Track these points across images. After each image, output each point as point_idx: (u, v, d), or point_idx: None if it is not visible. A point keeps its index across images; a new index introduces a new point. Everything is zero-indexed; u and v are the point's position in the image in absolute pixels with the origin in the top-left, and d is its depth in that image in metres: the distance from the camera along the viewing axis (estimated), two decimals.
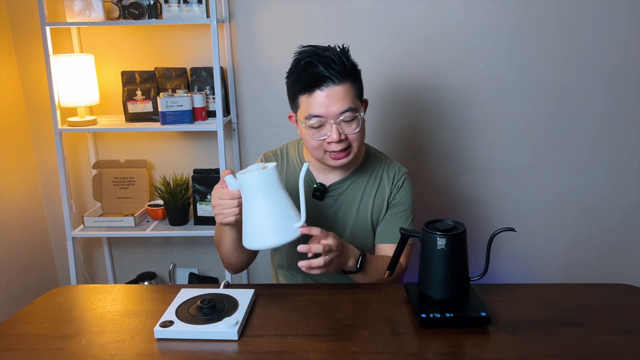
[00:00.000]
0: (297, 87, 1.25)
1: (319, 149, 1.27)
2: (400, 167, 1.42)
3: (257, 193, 1.10)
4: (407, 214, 1.38)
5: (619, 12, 2.03)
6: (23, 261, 2.26)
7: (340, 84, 1.22)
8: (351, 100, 1.24)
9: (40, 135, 2.29)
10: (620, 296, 1.21)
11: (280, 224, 1.11)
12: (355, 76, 1.27)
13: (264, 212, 1.11)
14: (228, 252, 1.30)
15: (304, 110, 1.26)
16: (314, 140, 1.26)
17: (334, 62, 1.21)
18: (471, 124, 2.19)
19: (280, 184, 1.13)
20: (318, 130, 1.25)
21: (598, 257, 2.30)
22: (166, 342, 1.03)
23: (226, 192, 1.15)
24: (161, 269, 2.42)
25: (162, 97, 2.02)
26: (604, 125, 2.16)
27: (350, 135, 1.25)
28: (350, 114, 1.24)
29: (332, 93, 1.22)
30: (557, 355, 0.98)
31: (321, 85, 1.22)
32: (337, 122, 1.23)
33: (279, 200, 1.11)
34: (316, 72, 1.21)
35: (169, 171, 2.26)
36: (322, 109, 1.22)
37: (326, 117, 1.23)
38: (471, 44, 2.10)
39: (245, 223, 1.14)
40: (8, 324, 1.13)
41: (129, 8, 1.97)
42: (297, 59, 1.27)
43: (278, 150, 1.46)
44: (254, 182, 1.10)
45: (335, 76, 1.21)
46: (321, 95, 1.22)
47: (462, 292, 1.12)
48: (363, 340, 1.03)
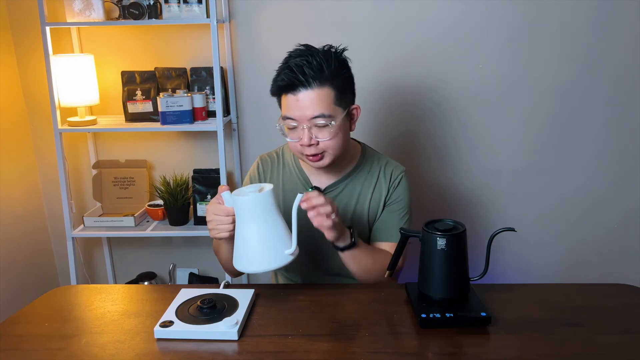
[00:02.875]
0: (275, 87, 1.26)
1: (295, 149, 1.28)
2: (398, 165, 1.41)
3: (250, 216, 1.10)
4: (404, 212, 1.37)
5: (620, 12, 2.03)
6: (23, 261, 2.26)
7: (314, 89, 1.20)
8: (326, 107, 1.21)
9: (40, 135, 2.29)
10: (620, 296, 1.21)
11: (271, 250, 1.11)
12: (334, 81, 1.23)
13: (255, 237, 1.10)
14: (226, 260, 1.31)
15: (282, 110, 1.27)
16: (289, 140, 1.27)
17: (311, 67, 1.20)
18: (471, 125, 2.19)
19: (275, 207, 1.12)
20: (293, 132, 1.26)
21: (598, 257, 2.30)
22: (166, 342, 1.03)
23: (221, 209, 1.14)
24: (161, 269, 2.42)
25: (162, 97, 2.02)
26: (604, 125, 2.16)
27: (323, 142, 1.24)
28: (321, 120, 1.21)
29: (304, 97, 1.21)
30: (557, 355, 0.98)
31: (293, 89, 1.21)
32: (309, 126, 1.22)
33: (271, 225, 1.11)
34: (289, 76, 1.21)
35: (169, 171, 2.26)
36: (295, 112, 1.22)
37: (298, 120, 1.23)
38: (471, 44, 2.10)
39: (236, 244, 1.14)
40: (8, 324, 1.13)
41: (129, 8, 1.97)
42: (285, 58, 1.27)
43: (274, 152, 1.45)
44: (248, 205, 1.09)
45: (307, 81, 1.20)
46: (293, 99, 1.22)
47: (462, 292, 1.12)
48: (363, 340, 1.03)
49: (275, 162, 1.43)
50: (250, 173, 1.44)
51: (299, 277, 1.43)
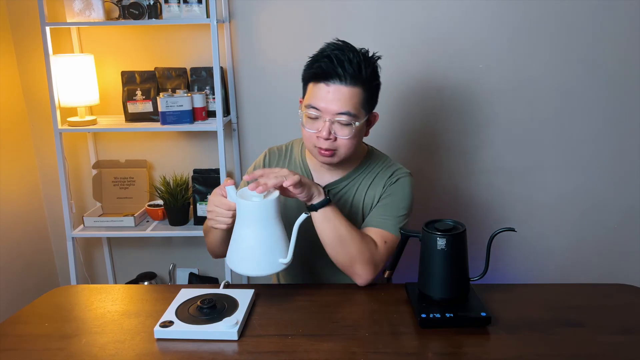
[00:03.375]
0: (308, 73, 1.26)
1: (310, 140, 1.27)
2: (401, 168, 1.38)
3: (251, 221, 1.10)
4: (399, 205, 1.32)
5: (620, 12, 2.03)
6: (23, 261, 2.26)
7: (348, 86, 1.21)
8: (353, 106, 1.22)
9: (40, 135, 2.29)
10: (620, 296, 1.21)
11: (266, 257, 1.11)
12: (368, 85, 1.24)
13: (253, 241, 1.10)
14: (214, 244, 1.32)
15: (307, 98, 1.26)
16: (306, 129, 1.26)
17: (351, 64, 1.20)
18: (471, 124, 2.19)
19: (277, 215, 1.11)
20: (312, 122, 1.25)
21: (598, 257, 2.29)
22: (166, 342, 1.03)
23: (224, 202, 1.15)
24: (161, 269, 2.42)
25: (162, 97, 2.02)
26: (604, 125, 2.16)
27: (340, 139, 1.24)
28: (346, 118, 1.22)
29: (336, 91, 1.21)
30: (557, 355, 0.98)
31: (328, 79, 1.21)
32: (332, 120, 1.22)
33: (270, 233, 1.10)
34: (329, 65, 1.20)
35: (169, 171, 2.26)
36: (322, 103, 1.22)
37: (323, 112, 1.22)
38: (471, 44, 2.10)
39: (233, 242, 1.14)
40: (8, 324, 1.13)
41: (129, 8, 1.97)
42: (322, 49, 1.26)
43: (283, 146, 1.45)
44: (251, 210, 1.09)
45: (345, 76, 1.20)
46: (324, 89, 1.21)
47: (462, 292, 1.12)
48: (363, 340, 1.03)
49: (282, 155, 1.43)
50: (256, 163, 1.44)
51: (298, 277, 1.43)
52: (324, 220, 1.21)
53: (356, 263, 1.22)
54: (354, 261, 1.22)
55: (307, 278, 1.42)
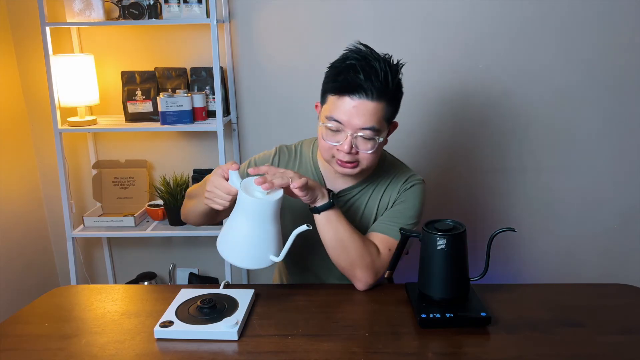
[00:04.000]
0: (331, 85, 1.20)
1: (328, 151, 1.23)
2: (416, 175, 1.36)
3: (250, 215, 1.09)
4: (409, 214, 1.31)
5: (621, 12, 2.03)
6: (23, 261, 2.26)
7: (373, 101, 1.16)
8: (377, 121, 1.18)
9: (40, 135, 2.29)
10: (620, 296, 1.21)
11: (258, 252, 1.11)
12: (393, 98, 1.21)
13: (248, 235, 1.10)
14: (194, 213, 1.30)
15: (327, 109, 1.21)
16: (325, 142, 1.22)
17: (377, 77, 1.15)
18: (471, 124, 2.19)
19: (277, 214, 1.11)
20: (333, 135, 1.20)
21: (598, 257, 2.30)
22: (166, 342, 1.03)
23: (224, 185, 1.12)
24: (161, 269, 2.42)
25: (162, 97, 2.02)
26: (604, 125, 2.16)
27: (362, 153, 1.21)
28: (369, 133, 1.18)
29: (361, 106, 1.16)
30: (557, 355, 0.98)
31: (354, 93, 1.16)
32: (354, 135, 1.18)
33: (267, 230, 1.10)
34: (355, 78, 1.15)
35: (169, 171, 2.26)
36: (345, 117, 1.17)
37: (345, 126, 1.18)
38: (471, 44, 2.10)
39: (228, 229, 1.13)
40: (8, 324, 1.13)
41: (129, 8, 1.97)
42: (344, 56, 1.21)
43: (293, 146, 1.41)
44: (252, 205, 1.08)
45: (372, 91, 1.15)
46: (349, 104, 1.17)
47: (462, 292, 1.12)
48: (363, 340, 1.03)
49: (293, 156, 1.38)
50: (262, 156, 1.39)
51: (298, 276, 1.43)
52: (327, 223, 1.20)
53: (356, 267, 1.22)
54: (354, 265, 1.22)
55: (308, 279, 1.41)
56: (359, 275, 1.22)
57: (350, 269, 1.22)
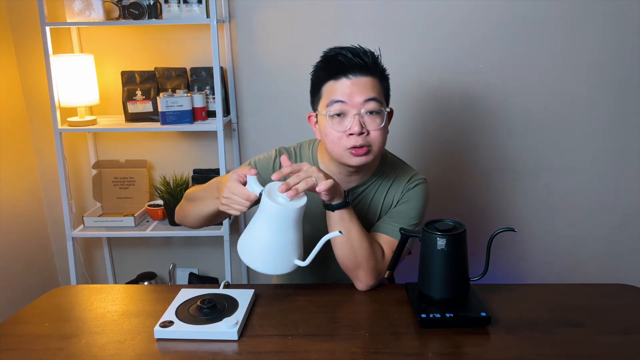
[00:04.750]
0: (323, 74, 1.22)
1: (339, 144, 1.21)
2: (418, 174, 1.36)
3: (274, 222, 1.08)
4: (413, 215, 1.31)
5: (622, 12, 2.03)
6: (23, 261, 2.26)
7: (368, 76, 1.19)
8: (377, 93, 1.20)
9: (40, 135, 2.29)
10: (620, 296, 1.21)
11: (283, 258, 1.11)
12: (383, 76, 1.24)
13: (272, 241, 1.09)
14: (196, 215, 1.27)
15: (326, 98, 1.21)
16: (334, 131, 1.20)
17: (365, 55, 1.19)
18: (471, 124, 2.19)
19: (301, 220, 1.10)
20: (339, 121, 1.20)
21: (598, 257, 2.30)
22: (166, 342, 1.03)
23: (243, 192, 1.10)
24: (161, 269, 2.42)
25: (162, 97, 2.02)
26: (604, 125, 2.16)
27: (373, 131, 1.20)
28: (374, 105, 1.19)
29: (359, 82, 1.18)
30: (557, 355, 0.98)
31: (348, 72, 1.18)
32: (361, 113, 1.19)
33: (292, 235, 1.10)
34: (345, 59, 1.18)
35: (169, 171, 2.26)
36: (346, 96, 1.18)
37: (349, 104, 1.18)
38: (472, 44, 2.10)
39: (249, 236, 1.12)
40: (8, 324, 1.13)
41: (129, 8, 1.97)
42: (325, 54, 1.24)
43: (292, 148, 1.40)
44: (277, 212, 1.07)
45: (364, 67, 1.18)
46: (346, 83, 1.19)
47: (462, 292, 1.12)
48: (363, 340, 1.03)
49: (292, 158, 1.37)
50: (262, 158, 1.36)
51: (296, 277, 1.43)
52: (339, 221, 1.20)
53: (361, 268, 1.22)
54: (359, 266, 1.22)
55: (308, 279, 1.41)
56: (361, 276, 1.22)
57: (355, 269, 1.22)
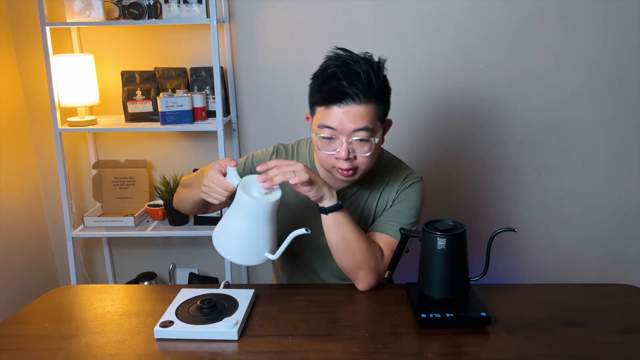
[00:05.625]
0: (316, 97, 1.20)
1: (327, 162, 1.22)
2: (414, 172, 1.37)
3: (247, 214, 1.10)
4: (410, 214, 1.31)
5: (622, 12, 2.03)
6: (23, 261, 2.26)
7: (361, 104, 1.15)
8: (370, 121, 1.17)
9: (40, 135, 2.29)
10: (620, 296, 1.21)
11: (254, 249, 1.12)
12: (381, 97, 1.19)
13: (244, 232, 1.11)
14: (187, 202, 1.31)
15: (318, 118, 1.20)
16: (323, 152, 1.21)
17: (360, 80, 1.14)
18: (471, 124, 2.19)
19: (274, 214, 1.12)
20: (328, 143, 1.19)
21: (598, 257, 2.30)
22: (166, 342, 1.03)
23: (222, 181, 1.12)
24: (161, 269, 2.42)
25: (162, 97, 2.02)
26: (604, 125, 2.16)
27: (360, 157, 1.19)
28: (364, 134, 1.17)
29: (351, 111, 1.15)
30: (557, 355, 0.98)
31: (340, 101, 1.15)
32: (349, 140, 1.17)
33: (264, 228, 1.11)
34: (338, 87, 1.14)
35: (169, 171, 2.26)
36: (336, 123, 1.16)
37: (338, 131, 1.17)
38: (471, 43, 2.10)
39: (224, 225, 1.14)
40: (8, 324, 1.13)
41: (129, 8, 1.97)
42: (324, 65, 1.20)
43: (290, 145, 1.40)
44: (249, 205, 1.09)
45: (357, 95, 1.14)
46: (338, 112, 1.16)
47: (462, 292, 1.12)
48: (363, 340, 1.03)
49: (290, 156, 1.38)
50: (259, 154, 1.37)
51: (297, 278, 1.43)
52: (334, 224, 1.20)
53: (360, 269, 1.22)
54: (358, 267, 1.22)
55: (307, 279, 1.41)
56: (362, 277, 1.22)
57: (354, 270, 1.22)
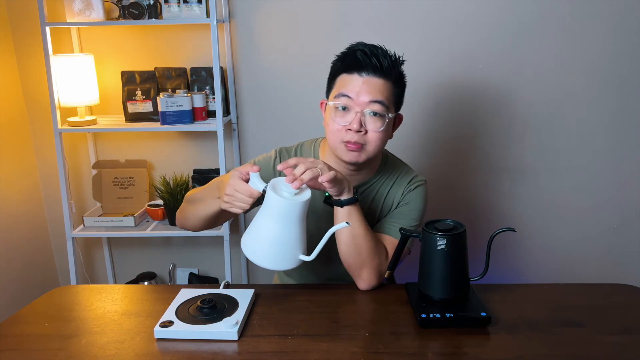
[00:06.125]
0: (340, 65, 1.24)
1: (337, 135, 1.23)
2: (418, 176, 1.37)
3: (280, 216, 1.08)
4: (414, 216, 1.32)
5: (622, 12, 2.03)
6: (23, 261, 2.26)
7: (381, 78, 1.21)
8: (386, 97, 1.21)
9: (40, 135, 2.29)
10: (620, 296, 1.21)
11: (288, 252, 1.10)
12: (399, 81, 1.25)
13: (278, 236, 1.09)
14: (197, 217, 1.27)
15: (336, 89, 1.24)
16: (335, 122, 1.22)
17: (385, 57, 1.21)
18: (471, 124, 2.19)
19: (305, 214, 1.10)
20: (342, 115, 1.22)
21: (598, 257, 2.30)
22: (166, 342, 1.03)
23: (245, 188, 1.10)
24: (161, 269, 2.42)
25: (162, 97, 2.02)
26: (604, 125, 2.16)
27: (371, 132, 1.21)
28: (379, 107, 1.20)
29: (370, 82, 1.20)
30: (557, 355, 0.98)
31: (362, 70, 1.20)
32: (364, 112, 1.20)
33: (297, 230, 1.10)
34: (363, 57, 1.20)
35: (169, 171, 2.26)
36: (354, 92, 1.20)
37: (354, 101, 1.20)
38: (471, 43, 2.10)
39: (254, 232, 1.11)
40: (8, 324, 1.13)
41: (129, 8, 1.97)
42: (351, 46, 1.26)
43: (293, 148, 1.40)
44: (283, 207, 1.07)
45: (379, 68, 1.20)
46: (358, 80, 1.21)
47: (462, 292, 1.12)
48: (363, 340, 1.03)
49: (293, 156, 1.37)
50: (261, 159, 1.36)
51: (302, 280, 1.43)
52: (347, 217, 1.19)
53: (365, 267, 1.22)
54: (363, 265, 1.22)
55: (308, 278, 1.41)
56: (364, 275, 1.22)
57: (359, 268, 1.22)
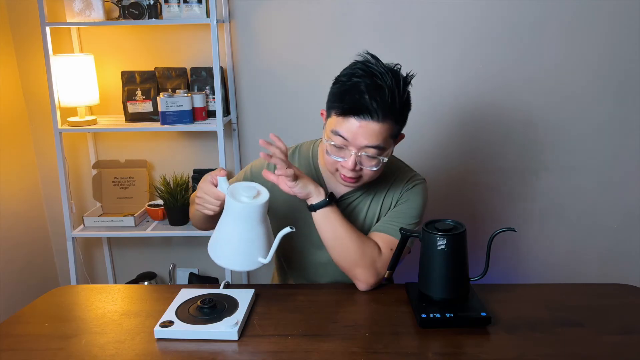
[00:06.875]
0: (336, 105, 1.18)
1: (332, 165, 1.22)
2: (417, 174, 1.37)
3: (236, 219, 1.11)
4: (412, 213, 1.31)
5: (622, 12, 2.03)
6: (23, 261, 2.26)
7: (379, 122, 1.14)
8: (383, 140, 1.17)
9: (40, 135, 2.29)
10: (620, 296, 1.21)
11: (247, 254, 1.12)
12: (400, 116, 1.20)
13: (235, 238, 1.11)
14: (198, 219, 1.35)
15: (333, 124, 1.19)
16: (331, 157, 1.21)
17: (383, 97, 1.13)
18: (471, 124, 2.19)
19: (263, 217, 1.13)
20: (337, 151, 1.19)
21: (598, 257, 2.30)
22: (166, 342, 1.03)
23: (213, 191, 1.16)
24: (161, 269, 2.42)
25: (162, 97, 2.02)
26: (605, 125, 2.16)
27: (366, 170, 1.21)
28: (374, 151, 1.17)
29: (367, 127, 1.14)
30: (557, 355, 0.98)
31: (359, 115, 1.14)
32: (359, 153, 1.17)
33: (255, 233, 1.11)
34: (360, 100, 1.13)
35: (169, 171, 2.26)
36: (350, 135, 1.16)
37: (350, 143, 1.16)
38: (470, 43, 2.10)
39: (217, 233, 1.15)
40: (8, 324, 1.13)
41: (129, 8, 1.97)
42: (350, 72, 1.18)
43: (290, 149, 1.39)
44: (237, 210, 1.10)
45: (377, 112, 1.13)
46: (354, 124, 1.15)
47: (462, 292, 1.12)
48: (363, 340, 1.03)
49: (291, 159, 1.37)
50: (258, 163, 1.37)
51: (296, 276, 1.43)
52: (324, 220, 1.21)
53: (357, 266, 1.22)
54: (355, 264, 1.22)
55: (307, 278, 1.41)
56: (360, 274, 1.22)
57: (352, 268, 1.22)
